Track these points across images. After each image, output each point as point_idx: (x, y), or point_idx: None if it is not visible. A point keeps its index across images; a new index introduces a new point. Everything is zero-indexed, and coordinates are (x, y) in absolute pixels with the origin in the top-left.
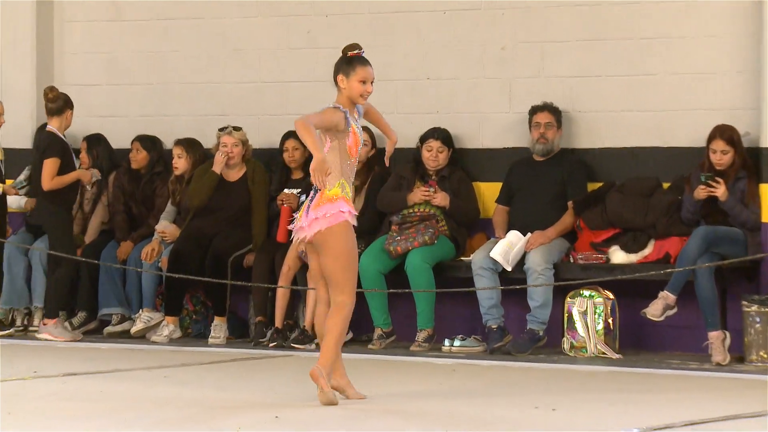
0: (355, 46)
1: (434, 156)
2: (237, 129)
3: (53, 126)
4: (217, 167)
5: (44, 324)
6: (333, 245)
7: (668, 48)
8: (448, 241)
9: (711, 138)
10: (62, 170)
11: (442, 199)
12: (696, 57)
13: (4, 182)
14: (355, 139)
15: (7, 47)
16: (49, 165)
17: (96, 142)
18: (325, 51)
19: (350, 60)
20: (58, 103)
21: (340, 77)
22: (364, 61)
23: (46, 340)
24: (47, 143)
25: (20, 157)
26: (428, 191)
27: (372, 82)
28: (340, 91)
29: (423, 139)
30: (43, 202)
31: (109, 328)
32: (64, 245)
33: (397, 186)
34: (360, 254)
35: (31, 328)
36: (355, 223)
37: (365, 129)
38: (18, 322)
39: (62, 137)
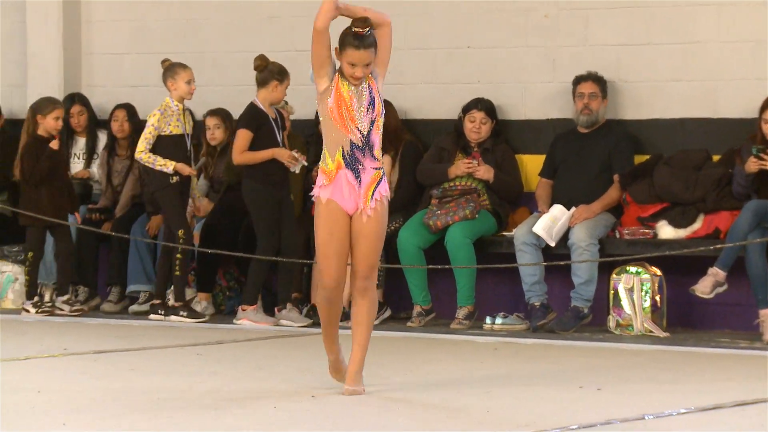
0: (360, 22)
1: (477, 128)
2: (285, 102)
3: (258, 97)
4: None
5: (243, 310)
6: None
7: (718, 14)
8: (489, 215)
9: (763, 108)
10: (256, 145)
11: (485, 171)
12: (747, 24)
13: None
14: (337, 98)
15: (34, 16)
16: (240, 136)
17: (116, 108)
18: None
19: (344, 37)
20: (264, 74)
21: (336, 49)
22: (357, 44)
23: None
24: (242, 114)
25: None
26: (471, 163)
27: (367, 65)
28: None
29: (465, 109)
30: (246, 178)
31: (134, 306)
32: (263, 229)
33: (438, 158)
34: (398, 229)
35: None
36: (328, 195)
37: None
38: (47, 298)
39: (262, 109)
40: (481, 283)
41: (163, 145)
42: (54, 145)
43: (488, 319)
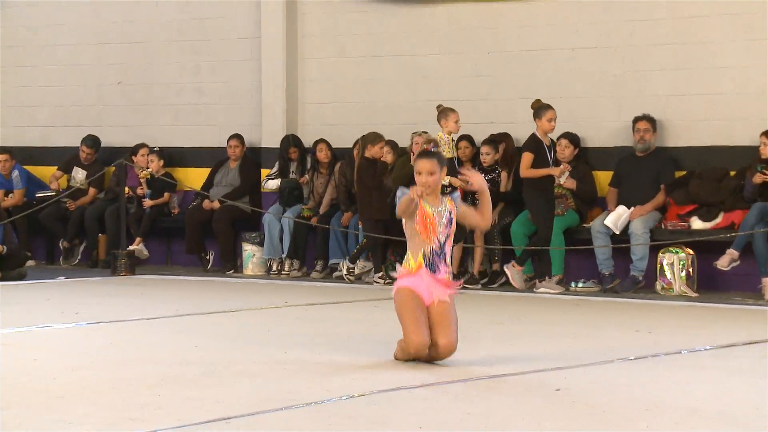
0: (429, 140)
1: (562, 150)
2: (425, 132)
3: (537, 131)
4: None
5: (540, 282)
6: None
7: (735, 74)
8: (574, 213)
9: (763, 136)
10: (536, 165)
11: (570, 183)
12: (754, 78)
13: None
14: (422, 218)
15: (266, 75)
16: (524, 158)
17: (319, 142)
18: (485, 78)
19: (418, 155)
20: (537, 112)
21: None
22: (421, 155)
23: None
24: (526, 141)
25: (272, 154)
26: (561, 176)
27: (431, 174)
28: None
29: (558, 138)
30: (526, 186)
31: (336, 273)
32: (545, 220)
33: None
34: (511, 222)
35: (283, 273)
36: (409, 284)
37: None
38: (274, 268)
39: (539, 138)
40: (568, 259)
41: None
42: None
43: (572, 284)
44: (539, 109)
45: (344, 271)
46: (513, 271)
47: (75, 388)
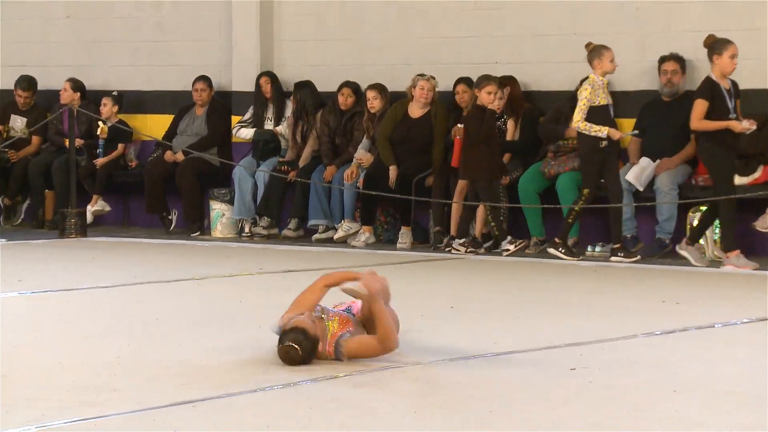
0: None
1: None
2: (433, 78)
3: (713, 73)
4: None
5: (727, 257)
6: None
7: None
8: None
9: None
10: (714, 114)
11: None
12: None
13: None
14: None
15: (237, 8)
16: (697, 106)
17: (302, 86)
18: (488, 12)
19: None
20: (714, 47)
21: None
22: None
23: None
24: (700, 85)
25: (247, 98)
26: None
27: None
28: None
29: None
30: (703, 140)
31: (316, 236)
32: (725, 184)
33: (555, 119)
34: (519, 177)
35: (244, 234)
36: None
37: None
38: (246, 229)
39: (715, 81)
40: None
41: (593, 114)
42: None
43: (589, 248)
44: (717, 44)
45: (461, 250)
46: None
47: (18, 368)
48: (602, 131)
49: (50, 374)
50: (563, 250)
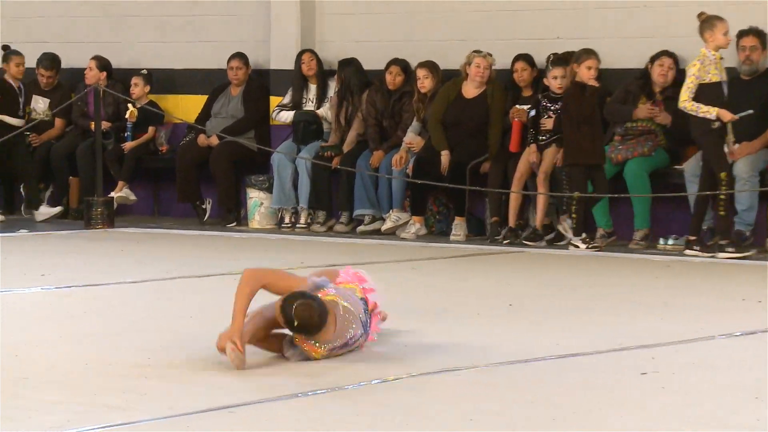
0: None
1: (665, 72)
2: (490, 55)
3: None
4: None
5: None
6: None
7: None
8: (663, 151)
9: None
10: None
11: (664, 117)
12: None
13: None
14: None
15: None
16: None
17: (347, 64)
18: None
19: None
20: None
21: None
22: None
23: None
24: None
25: (286, 77)
26: (654, 110)
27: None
28: None
29: (654, 57)
30: None
31: (361, 227)
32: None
33: (623, 100)
34: None
35: (297, 226)
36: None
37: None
38: (286, 220)
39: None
40: (655, 209)
41: (703, 93)
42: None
43: (661, 240)
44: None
45: (581, 245)
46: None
47: (41, 369)
48: (711, 112)
49: (75, 376)
50: (699, 248)
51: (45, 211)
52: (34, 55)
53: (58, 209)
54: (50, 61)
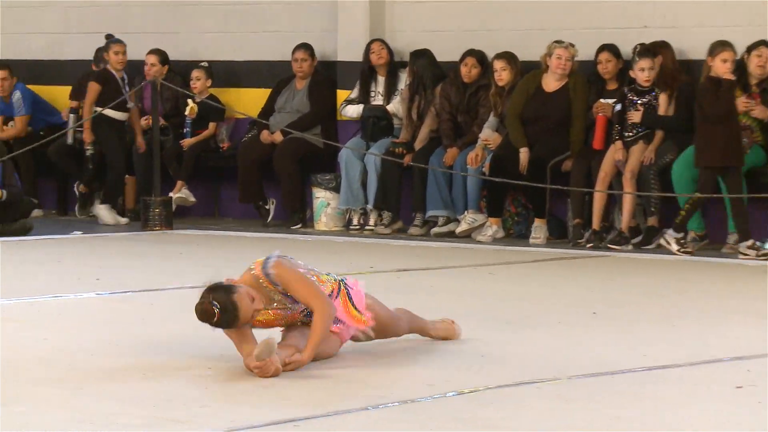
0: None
1: (762, 63)
2: (572, 45)
3: None
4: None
5: None
6: None
7: None
8: (760, 149)
9: None
10: None
11: (760, 111)
12: None
13: None
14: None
15: None
16: None
17: (419, 55)
18: None
19: None
20: None
21: None
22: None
23: None
24: None
25: (354, 69)
26: (749, 102)
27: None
28: None
29: (751, 48)
30: None
31: (435, 229)
32: None
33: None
34: (672, 161)
35: (366, 228)
36: None
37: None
38: (354, 221)
39: None
40: (753, 210)
41: None
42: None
43: (757, 243)
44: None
45: (673, 245)
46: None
47: (96, 378)
48: None
49: (132, 386)
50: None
51: (107, 215)
52: (88, 45)
53: (124, 220)
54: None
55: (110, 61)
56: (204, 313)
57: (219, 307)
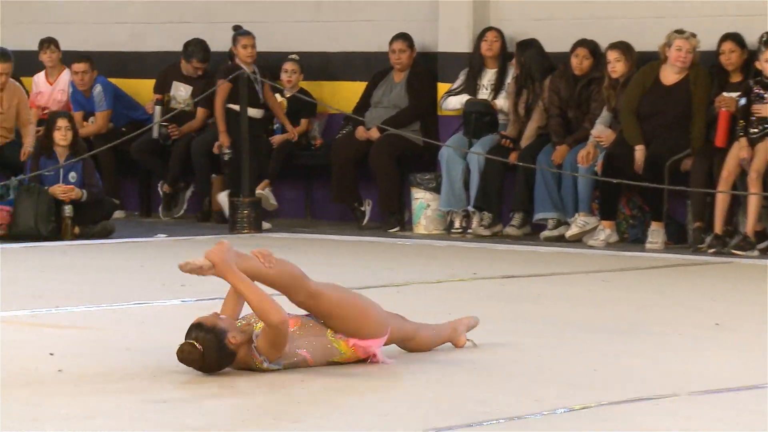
0: None
1: None
2: (693, 35)
3: None
4: None
5: None
6: None
7: None
8: None
9: None
10: None
11: None
12: None
13: None
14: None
15: None
16: None
17: (526, 46)
18: None
19: None
20: None
21: None
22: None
23: None
24: None
25: (456, 61)
26: None
27: None
28: None
29: None
30: None
31: (545, 233)
32: None
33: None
34: None
35: (469, 231)
36: None
37: None
38: (456, 224)
39: None
40: None
41: None
42: None
43: None
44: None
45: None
46: None
47: (187, 393)
48: None
49: (217, 403)
50: None
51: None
52: (173, 37)
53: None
54: (204, 52)
55: (238, 55)
56: (184, 354)
57: (201, 344)
